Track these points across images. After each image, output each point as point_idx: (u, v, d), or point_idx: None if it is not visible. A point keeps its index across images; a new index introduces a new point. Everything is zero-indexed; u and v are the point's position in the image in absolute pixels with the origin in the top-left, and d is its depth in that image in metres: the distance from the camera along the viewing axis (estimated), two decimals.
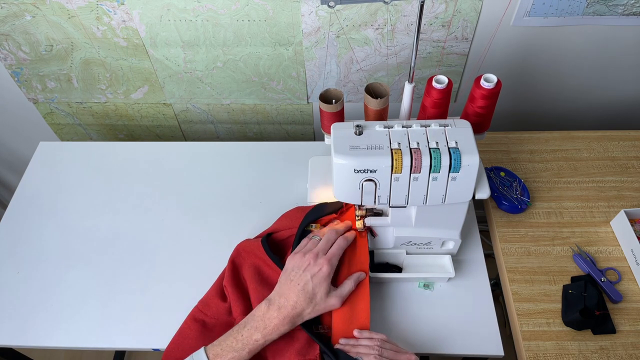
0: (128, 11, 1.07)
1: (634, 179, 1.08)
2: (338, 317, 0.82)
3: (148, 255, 1.01)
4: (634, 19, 1.05)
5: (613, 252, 0.97)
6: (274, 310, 0.77)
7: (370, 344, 0.76)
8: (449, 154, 0.73)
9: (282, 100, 1.29)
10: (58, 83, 1.27)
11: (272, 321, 0.76)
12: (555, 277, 0.94)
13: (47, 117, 1.40)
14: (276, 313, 0.76)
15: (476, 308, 0.91)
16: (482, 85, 0.80)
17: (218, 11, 1.06)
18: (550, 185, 1.08)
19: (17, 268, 1.00)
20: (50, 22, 1.10)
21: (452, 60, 1.16)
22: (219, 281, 0.92)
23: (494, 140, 1.17)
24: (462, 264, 0.97)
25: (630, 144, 1.14)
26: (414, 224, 0.87)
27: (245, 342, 0.74)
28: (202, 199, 1.09)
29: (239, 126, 1.40)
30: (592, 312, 0.88)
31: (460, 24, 1.07)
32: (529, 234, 1.01)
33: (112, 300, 0.95)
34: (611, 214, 1.02)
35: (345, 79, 1.21)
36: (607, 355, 0.85)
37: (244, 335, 0.75)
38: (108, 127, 1.42)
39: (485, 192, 0.79)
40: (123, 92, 1.29)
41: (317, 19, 1.06)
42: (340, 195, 0.80)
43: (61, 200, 1.11)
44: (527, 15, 1.04)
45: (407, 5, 1.03)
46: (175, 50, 1.15)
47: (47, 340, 0.91)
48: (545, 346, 0.87)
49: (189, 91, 1.27)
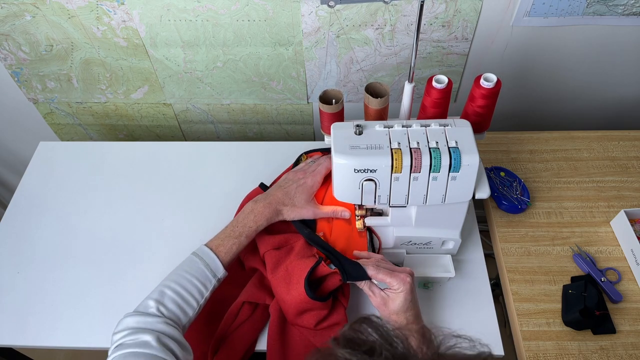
0: (128, 11, 1.07)
1: (634, 179, 1.08)
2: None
3: (148, 255, 1.01)
4: (634, 19, 1.05)
5: (613, 252, 0.97)
6: (260, 202, 0.88)
7: (367, 257, 0.85)
8: (449, 153, 0.73)
9: (282, 100, 1.29)
10: (58, 83, 1.27)
11: (259, 209, 0.87)
12: (555, 277, 0.94)
13: (47, 117, 1.40)
14: (262, 203, 0.88)
15: (476, 308, 0.91)
16: (482, 85, 0.80)
17: (218, 11, 1.06)
18: (550, 185, 1.08)
19: (17, 268, 1.00)
20: (50, 22, 1.10)
21: (452, 60, 1.16)
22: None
23: (494, 140, 1.17)
24: (462, 264, 0.97)
25: (630, 144, 1.14)
26: (414, 223, 0.87)
27: (241, 230, 0.84)
28: (202, 199, 1.09)
29: (239, 126, 1.40)
30: (592, 312, 0.88)
31: (460, 24, 1.07)
32: (529, 234, 1.01)
33: (112, 300, 0.95)
34: (611, 214, 1.02)
35: (345, 79, 1.21)
36: (607, 355, 0.85)
37: (238, 226, 0.84)
38: (108, 127, 1.42)
39: (485, 192, 0.79)
40: (123, 92, 1.29)
41: (317, 19, 1.06)
42: (340, 195, 0.80)
43: (61, 200, 1.11)
44: (527, 15, 1.04)
45: (407, 5, 1.03)
46: (175, 50, 1.15)
47: (47, 340, 0.91)
48: (545, 346, 0.87)
49: (189, 91, 1.27)
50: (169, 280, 0.75)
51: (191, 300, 0.74)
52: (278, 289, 0.84)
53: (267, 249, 0.89)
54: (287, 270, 0.84)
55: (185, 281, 0.75)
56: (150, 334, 0.64)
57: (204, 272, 0.77)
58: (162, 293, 0.72)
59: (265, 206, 0.87)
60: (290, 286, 0.82)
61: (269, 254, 0.89)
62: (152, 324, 0.67)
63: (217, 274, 0.78)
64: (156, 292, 0.73)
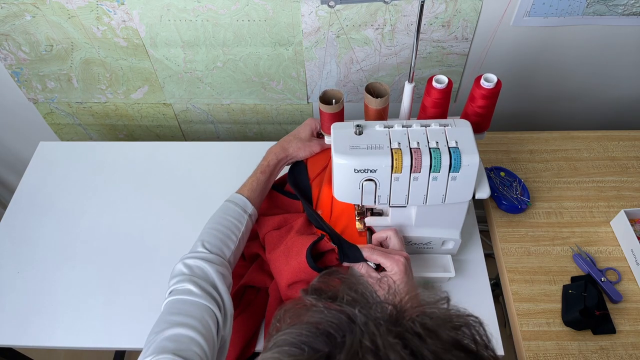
0: (128, 11, 1.07)
1: (634, 179, 1.08)
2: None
3: (148, 255, 1.01)
4: (634, 19, 1.05)
5: (613, 252, 0.97)
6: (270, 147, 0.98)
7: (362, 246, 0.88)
8: (449, 153, 0.73)
9: (282, 100, 1.29)
10: (58, 83, 1.27)
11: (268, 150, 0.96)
12: (555, 277, 0.94)
13: (47, 117, 1.40)
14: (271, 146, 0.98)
15: (476, 308, 0.89)
16: (482, 85, 0.80)
17: (218, 11, 1.06)
18: (550, 185, 1.08)
19: (17, 268, 1.00)
20: (50, 22, 1.10)
21: (452, 60, 1.16)
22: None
23: (494, 140, 1.17)
24: (462, 264, 0.97)
25: (630, 144, 1.14)
26: (414, 223, 0.87)
27: (255, 170, 0.94)
28: (202, 199, 1.09)
29: (239, 126, 1.40)
30: (592, 312, 0.88)
31: (460, 24, 1.07)
32: (529, 234, 1.01)
33: (112, 300, 0.95)
34: (611, 214, 1.02)
35: (345, 79, 1.21)
36: (607, 355, 0.85)
37: (255, 169, 0.94)
38: (108, 127, 1.42)
39: (485, 192, 0.79)
40: (123, 92, 1.29)
41: (317, 19, 1.06)
42: (340, 195, 0.80)
43: (61, 200, 1.11)
44: (527, 15, 1.04)
45: (407, 5, 1.03)
46: (175, 50, 1.15)
47: (47, 340, 0.91)
48: (545, 346, 0.87)
49: (189, 91, 1.27)
50: (209, 224, 0.85)
51: (230, 234, 0.83)
52: (277, 262, 0.87)
53: (267, 231, 0.93)
54: (286, 245, 0.87)
55: (221, 219, 0.85)
56: (193, 282, 0.72)
57: (235, 209, 0.87)
58: (204, 233, 0.83)
59: (273, 146, 0.97)
60: (290, 257, 0.85)
61: (269, 235, 0.92)
62: (201, 257, 0.76)
63: (247, 210, 0.88)
64: (200, 235, 0.83)
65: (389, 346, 0.38)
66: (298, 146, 0.96)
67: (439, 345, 0.39)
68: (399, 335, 0.39)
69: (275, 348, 0.41)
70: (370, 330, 0.39)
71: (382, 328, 0.39)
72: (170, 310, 0.69)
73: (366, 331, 0.39)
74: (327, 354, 0.39)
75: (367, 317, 0.41)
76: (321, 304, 0.43)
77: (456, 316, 0.43)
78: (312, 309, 0.43)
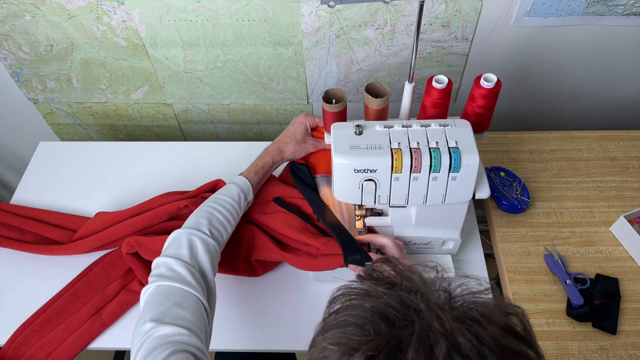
0: (128, 11, 1.07)
1: (634, 179, 1.08)
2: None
3: None
4: (634, 19, 1.05)
5: (613, 252, 0.97)
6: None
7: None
8: (449, 153, 0.73)
9: (282, 101, 1.29)
10: (58, 83, 1.27)
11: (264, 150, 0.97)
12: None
13: (47, 117, 1.40)
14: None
15: None
16: (482, 85, 0.80)
17: (218, 11, 1.06)
18: (550, 185, 1.08)
19: (17, 268, 1.00)
20: (50, 22, 1.10)
21: (452, 60, 1.16)
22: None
23: (494, 140, 1.17)
24: (462, 264, 0.97)
25: (630, 144, 1.14)
26: (414, 223, 0.87)
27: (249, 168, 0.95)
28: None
29: (239, 126, 1.40)
30: (593, 302, 0.88)
31: (460, 24, 1.07)
32: (529, 234, 1.01)
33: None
34: (611, 214, 1.02)
35: (345, 79, 1.21)
36: (607, 355, 0.85)
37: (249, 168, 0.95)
38: (108, 127, 1.42)
39: (485, 192, 0.79)
40: (123, 92, 1.29)
41: (317, 19, 1.06)
42: (341, 195, 0.80)
43: (61, 200, 1.11)
44: (527, 16, 1.04)
45: (407, 5, 1.03)
46: (175, 50, 1.15)
47: None
48: (545, 346, 0.87)
49: (189, 91, 1.27)
50: (213, 203, 0.85)
51: (230, 219, 0.85)
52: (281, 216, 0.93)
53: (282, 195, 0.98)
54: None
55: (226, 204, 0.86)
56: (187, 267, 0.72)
57: (239, 194, 0.89)
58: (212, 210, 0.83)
59: (270, 145, 0.97)
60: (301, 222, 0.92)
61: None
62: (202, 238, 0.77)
63: (247, 197, 0.91)
64: (206, 213, 0.82)
65: (457, 330, 0.40)
66: (295, 149, 0.96)
67: (497, 331, 0.41)
68: (460, 321, 0.42)
69: (336, 328, 0.44)
70: (437, 314, 0.42)
71: (447, 314, 0.42)
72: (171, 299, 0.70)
73: (434, 316, 0.41)
74: (393, 337, 0.41)
75: (428, 303, 0.43)
76: (381, 289, 0.46)
77: (505, 305, 0.45)
78: (371, 294, 0.46)
